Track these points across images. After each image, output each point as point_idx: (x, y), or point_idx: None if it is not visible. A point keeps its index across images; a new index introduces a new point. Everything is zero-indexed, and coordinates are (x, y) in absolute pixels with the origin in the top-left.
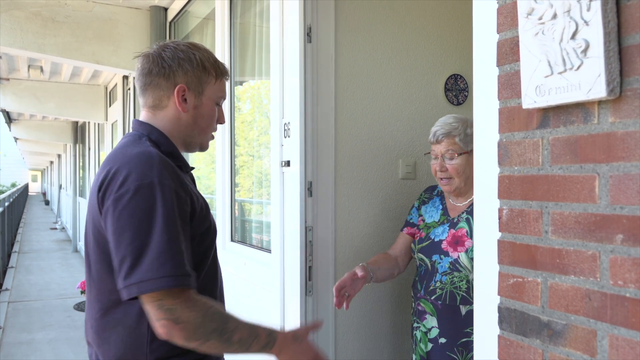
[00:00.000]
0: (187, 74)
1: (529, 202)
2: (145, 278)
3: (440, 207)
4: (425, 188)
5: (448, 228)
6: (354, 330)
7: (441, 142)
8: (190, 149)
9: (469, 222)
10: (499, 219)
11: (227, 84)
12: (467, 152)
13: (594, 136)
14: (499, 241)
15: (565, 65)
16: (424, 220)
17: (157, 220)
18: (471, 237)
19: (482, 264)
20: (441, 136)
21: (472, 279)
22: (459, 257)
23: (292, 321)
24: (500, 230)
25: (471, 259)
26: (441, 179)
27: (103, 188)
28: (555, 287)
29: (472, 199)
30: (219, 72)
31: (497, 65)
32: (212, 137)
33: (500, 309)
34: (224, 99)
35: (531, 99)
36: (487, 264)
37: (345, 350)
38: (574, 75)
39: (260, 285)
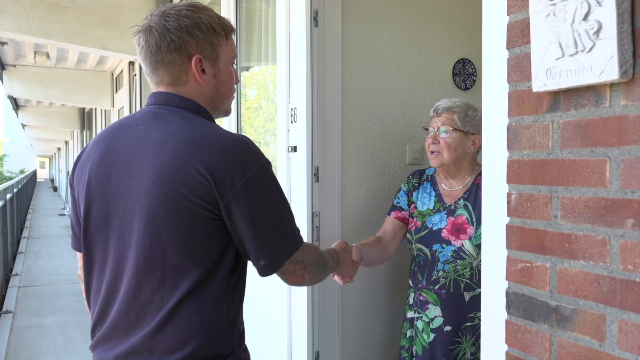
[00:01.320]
0: (200, 43)
1: (538, 187)
2: (291, 244)
3: (434, 193)
4: (412, 172)
5: (446, 216)
6: (361, 313)
7: (440, 115)
8: (215, 117)
9: (468, 209)
10: (508, 203)
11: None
12: (462, 130)
13: (605, 119)
14: (507, 226)
15: (576, 47)
16: (416, 208)
17: (281, 195)
18: (472, 223)
19: (490, 249)
20: (441, 109)
21: (477, 265)
22: (462, 245)
23: (300, 306)
24: (508, 215)
25: (476, 246)
26: (432, 152)
27: (215, 175)
28: (564, 272)
29: (468, 184)
30: (227, 30)
31: (507, 48)
32: (233, 99)
33: (508, 294)
34: (236, 56)
35: (541, 82)
36: (495, 249)
37: (353, 332)
38: (585, 57)
39: None
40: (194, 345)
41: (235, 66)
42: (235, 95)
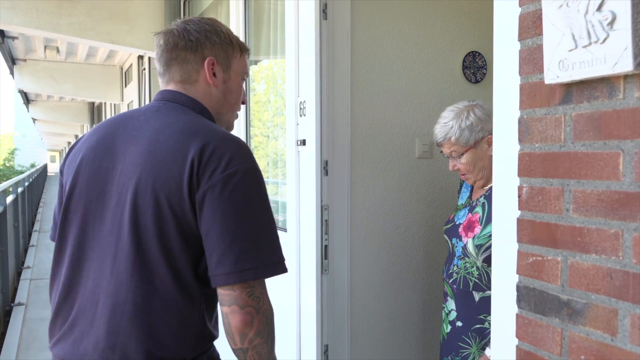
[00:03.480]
0: (215, 47)
1: (550, 180)
2: (263, 263)
3: (470, 188)
4: None
5: (467, 212)
6: (370, 306)
7: (443, 146)
8: (218, 124)
9: (484, 207)
10: (519, 197)
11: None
12: (470, 147)
13: (619, 112)
14: (518, 219)
15: (590, 39)
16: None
17: (266, 205)
18: (481, 222)
19: (501, 243)
20: (440, 141)
21: (481, 266)
22: (467, 242)
23: (309, 299)
24: (519, 209)
25: (476, 247)
26: (461, 175)
27: (200, 164)
28: (576, 265)
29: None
30: (242, 47)
31: (519, 40)
32: (237, 117)
33: (518, 288)
34: (247, 75)
35: (554, 73)
36: (505, 243)
37: (362, 326)
38: (599, 49)
39: None
40: (159, 346)
41: (245, 87)
42: (239, 110)
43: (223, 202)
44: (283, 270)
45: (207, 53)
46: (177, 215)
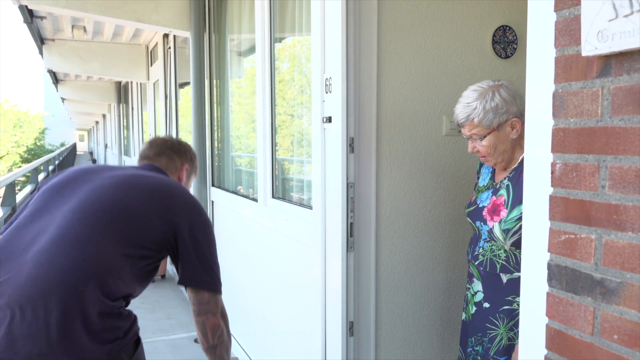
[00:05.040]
0: (190, 161)
1: (585, 156)
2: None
3: (491, 170)
4: None
5: (491, 194)
6: (395, 284)
7: (464, 127)
8: None
9: (509, 190)
10: (552, 173)
11: (262, 49)
12: (492, 130)
13: None
14: (551, 197)
15: (632, 7)
16: (477, 183)
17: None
18: (507, 206)
19: (532, 220)
20: (461, 121)
21: (509, 249)
22: (493, 227)
23: (334, 276)
24: (552, 186)
25: (503, 231)
26: (480, 156)
27: (195, 216)
28: (611, 244)
29: (516, 163)
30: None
31: (555, 11)
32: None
33: (550, 266)
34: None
35: (592, 45)
36: (537, 220)
37: (387, 303)
38: None
39: (302, 241)
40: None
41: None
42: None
43: (203, 238)
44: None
45: (184, 161)
46: (155, 234)
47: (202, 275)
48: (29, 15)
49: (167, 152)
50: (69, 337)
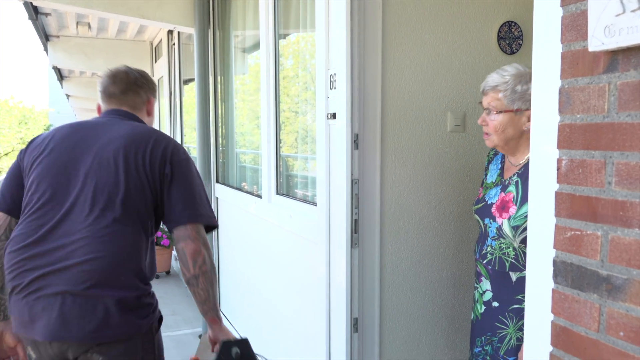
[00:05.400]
0: (153, 91)
1: (591, 152)
2: (212, 214)
3: (500, 166)
4: None
5: (500, 191)
6: (400, 281)
7: (487, 94)
8: None
9: (517, 186)
10: (558, 170)
11: (266, 46)
12: (510, 110)
13: None
14: (556, 193)
15: None
16: (485, 179)
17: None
18: (516, 202)
19: (538, 217)
20: (488, 87)
21: (518, 247)
22: (502, 224)
23: (338, 273)
24: (558, 182)
25: (513, 228)
26: (485, 133)
27: (165, 155)
28: (617, 240)
29: (526, 160)
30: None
31: (562, 6)
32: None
33: (555, 263)
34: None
35: (599, 40)
36: (542, 217)
37: (391, 300)
38: None
39: (306, 237)
40: None
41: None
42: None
43: (181, 175)
44: (216, 222)
45: (149, 94)
46: (149, 183)
47: (182, 210)
48: (34, 12)
49: (132, 87)
50: (115, 315)
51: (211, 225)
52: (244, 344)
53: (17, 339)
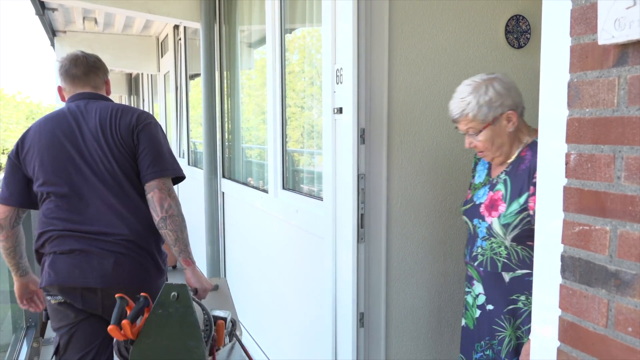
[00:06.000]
0: (106, 72)
1: (601, 146)
2: (176, 167)
3: (487, 165)
4: None
5: (488, 190)
6: (406, 276)
7: (459, 122)
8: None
9: (506, 184)
10: (566, 164)
11: (272, 40)
12: (488, 124)
13: None
14: (565, 187)
15: None
16: (473, 180)
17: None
18: (505, 200)
19: (545, 212)
20: (456, 116)
21: (509, 246)
22: (492, 222)
23: (344, 268)
24: (566, 177)
25: (503, 226)
26: (478, 152)
27: (131, 122)
28: (626, 235)
29: (513, 157)
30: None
31: None
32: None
33: (563, 258)
34: None
35: (609, 33)
36: (550, 212)
37: (397, 295)
38: None
39: (312, 232)
40: None
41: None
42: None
43: (149, 136)
44: (183, 173)
45: (105, 74)
46: (132, 153)
47: (150, 167)
48: (41, 7)
49: (92, 69)
50: (143, 271)
51: (179, 177)
52: (182, 288)
53: (37, 286)
